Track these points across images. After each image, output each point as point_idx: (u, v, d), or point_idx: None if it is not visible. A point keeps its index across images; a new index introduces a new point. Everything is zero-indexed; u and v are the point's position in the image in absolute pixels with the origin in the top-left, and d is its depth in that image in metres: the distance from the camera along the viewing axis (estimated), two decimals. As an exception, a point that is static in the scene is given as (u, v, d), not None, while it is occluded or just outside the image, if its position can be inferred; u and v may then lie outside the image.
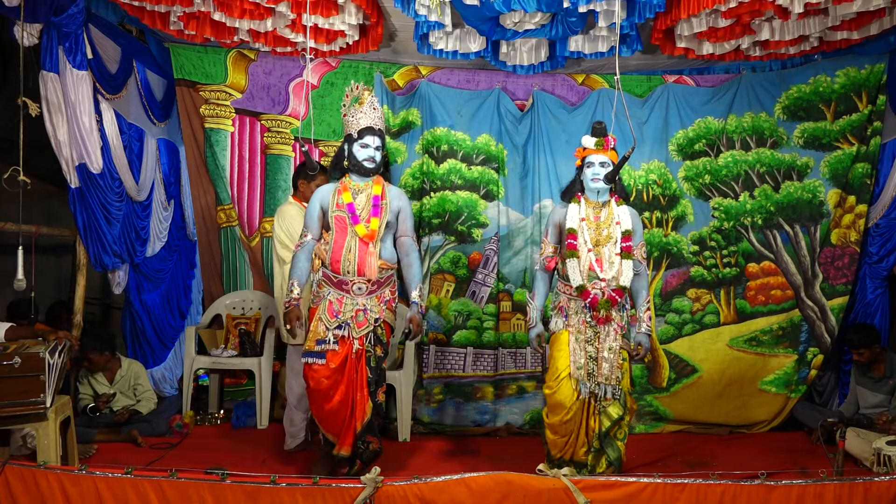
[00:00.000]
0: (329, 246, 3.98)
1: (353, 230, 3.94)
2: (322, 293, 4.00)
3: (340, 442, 3.97)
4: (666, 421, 5.42)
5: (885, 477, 3.34)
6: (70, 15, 4.22)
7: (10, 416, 3.53)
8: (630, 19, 4.37)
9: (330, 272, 3.98)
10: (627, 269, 3.87)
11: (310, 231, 4.03)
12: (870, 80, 5.28)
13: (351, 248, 3.94)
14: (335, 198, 4.01)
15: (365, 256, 3.93)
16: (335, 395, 3.92)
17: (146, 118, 5.37)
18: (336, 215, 3.98)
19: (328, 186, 4.11)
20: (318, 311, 3.98)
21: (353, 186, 4.04)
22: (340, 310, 3.95)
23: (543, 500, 3.20)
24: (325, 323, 3.94)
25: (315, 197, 4.07)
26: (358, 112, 4.03)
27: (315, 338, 3.93)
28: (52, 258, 6.20)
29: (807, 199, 5.43)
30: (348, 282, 3.95)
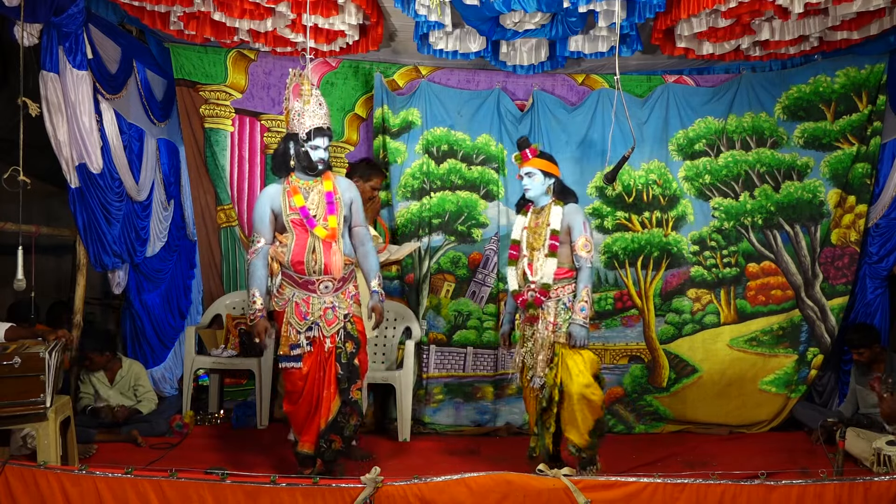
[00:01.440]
0: (289, 248, 3.90)
1: (311, 232, 3.88)
2: (286, 295, 3.94)
3: (303, 439, 3.95)
4: (666, 421, 5.43)
5: (885, 477, 3.34)
6: (70, 15, 4.22)
7: (10, 416, 3.53)
8: (630, 19, 4.37)
9: (293, 273, 3.91)
10: (549, 268, 4.03)
11: (262, 236, 3.93)
12: (870, 80, 5.28)
13: (314, 248, 3.88)
14: (286, 199, 3.92)
15: (329, 255, 3.90)
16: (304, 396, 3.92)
17: (146, 118, 5.37)
18: (292, 218, 3.90)
19: (274, 187, 4.00)
20: (285, 314, 3.92)
21: (303, 186, 3.96)
22: (308, 311, 3.92)
23: (543, 500, 3.20)
24: (294, 326, 3.90)
25: (263, 201, 3.97)
26: (305, 110, 3.89)
27: (288, 343, 3.91)
28: (52, 258, 6.20)
29: (807, 199, 5.43)
30: (314, 281, 3.90)
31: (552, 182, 4.18)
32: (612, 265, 5.52)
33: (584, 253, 4.02)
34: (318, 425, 3.93)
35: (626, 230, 5.53)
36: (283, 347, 3.93)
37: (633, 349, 5.51)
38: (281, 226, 3.95)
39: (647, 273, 5.52)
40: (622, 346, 5.51)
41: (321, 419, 3.93)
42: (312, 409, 3.94)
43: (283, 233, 3.95)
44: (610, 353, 5.51)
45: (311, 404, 3.94)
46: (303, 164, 3.93)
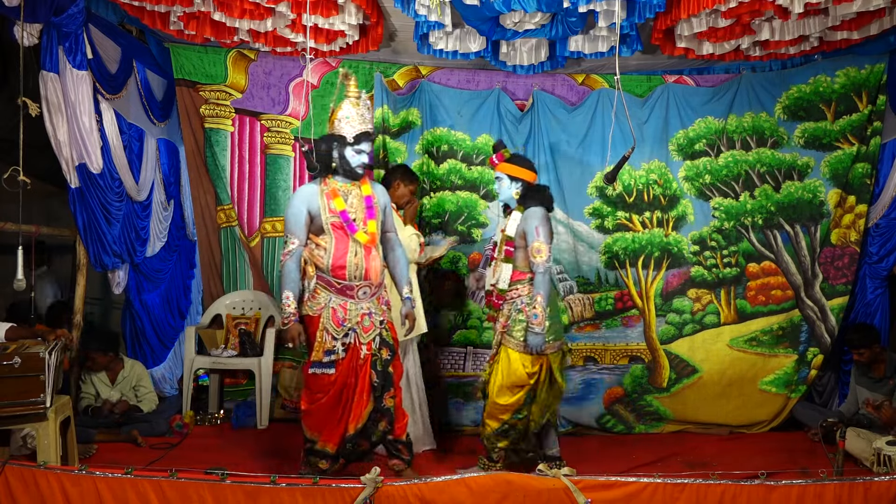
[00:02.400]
0: (328, 252, 3.82)
1: (352, 237, 3.83)
2: (320, 301, 3.85)
3: (325, 438, 3.89)
4: (666, 421, 5.43)
5: (885, 477, 3.34)
6: (70, 15, 4.22)
7: (10, 416, 3.53)
8: (630, 19, 4.37)
9: (331, 278, 3.83)
10: (505, 273, 4.13)
11: (296, 237, 3.83)
12: (870, 80, 5.28)
13: (356, 252, 3.83)
14: (325, 202, 3.85)
15: (369, 261, 3.85)
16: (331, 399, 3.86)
17: (146, 118, 5.37)
18: (332, 221, 3.83)
19: (310, 188, 3.92)
20: (321, 320, 3.83)
21: (341, 189, 3.91)
22: (346, 317, 3.84)
23: (543, 500, 3.20)
24: (331, 332, 3.81)
25: (299, 201, 3.88)
26: (354, 113, 3.87)
27: (322, 348, 3.82)
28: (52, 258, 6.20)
29: (807, 199, 5.43)
30: (353, 287, 3.83)
31: (519, 186, 4.20)
32: (613, 265, 5.52)
33: (535, 258, 4.04)
34: (344, 429, 3.88)
35: (627, 230, 5.53)
36: (316, 353, 3.83)
37: (634, 349, 5.51)
38: (318, 228, 3.86)
39: (648, 273, 5.52)
40: (622, 346, 5.51)
41: (350, 424, 3.88)
42: (341, 414, 3.88)
43: (320, 235, 3.86)
44: (610, 353, 5.51)
45: (340, 410, 3.87)
46: (345, 167, 3.88)
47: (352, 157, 3.87)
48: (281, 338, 3.86)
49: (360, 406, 3.88)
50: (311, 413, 3.91)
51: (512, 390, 4.10)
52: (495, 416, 4.15)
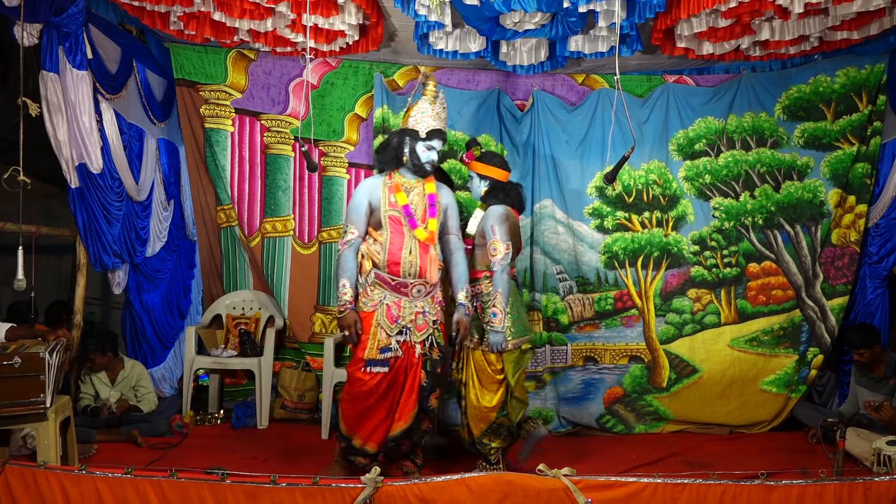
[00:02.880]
0: (384, 247, 3.79)
1: (411, 233, 3.79)
2: (375, 297, 3.81)
3: (365, 437, 3.85)
4: (666, 421, 5.43)
5: (885, 477, 3.34)
6: (70, 15, 4.22)
7: (10, 416, 3.53)
8: (630, 19, 4.37)
9: (386, 275, 3.79)
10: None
11: (356, 227, 3.82)
12: (870, 80, 5.28)
13: (411, 249, 3.79)
14: (386, 195, 3.83)
15: (426, 259, 3.81)
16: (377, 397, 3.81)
17: (146, 118, 5.37)
18: (390, 215, 3.80)
19: (374, 180, 3.90)
20: (375, 316, 3.79)
21: (405, 184, 3.88)
22: (400, 314, 3.80)
23: (543, 500, 3.20)
24: (385, 329, 3.78)
25: (362, 192, 3.87)
26: (430, 110, 3.87)
27: (378, 346, 3.77)
28: (52, 258, 6.20)
29: (807, 199, 5.43)
30: (408, 284, 3.80)
31: (487, 184, 4.23)
32: (612, 265, 5.52)
33: (493, 256, 4.05)
34: (388, 429, 3.85)
35: (626, 230, 5.53)
36: (370, 350, 3.79)
37: (634, 349, 5.51)
38: (376, 221, 3.85)
39: (648, 273, 5.52)
40: (622, 346, 5.52)
41: (396, 423, 3.85)
42: (387, 414, 3.84)
43: (378, 229, 3.84)
44: (610, 352, 5.51)
45: (387, 409, 3.83)
46: (414, 161, 3.86)
47: (422, 152, 3.88)
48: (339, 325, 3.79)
49: (407, 406, 3.85)
50: (354, 411, 3.84)
51: (490, 388, 4.12)
52: (482, 418, 4.14)
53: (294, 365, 5.69)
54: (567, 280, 5.53)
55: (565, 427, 5.40)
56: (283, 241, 5.71)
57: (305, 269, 5.71)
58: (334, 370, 5.14)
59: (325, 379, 5.16)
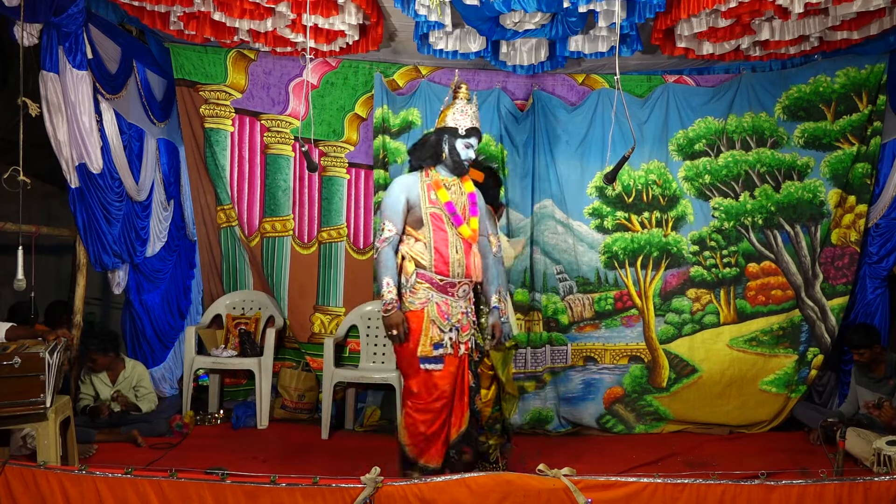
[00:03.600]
0: (428, 246, 3.70)
1: (455, 231, 3.73)
2: (422, 295, 3.70)
3: (430, 454, 3.71)
4: (666, 421, 5.43)
5: (885, 477, 3.33)
6: (70, 15, 4.22)
7: (10, 416, 3.53)
8: (630, 19, 4.37)
9: (433, 275, 3.69)
10: None
11: (394, 224, 3.71)
12: (870, 80, 5.28)
13: (457, 248, 3.73)
14: (426, 192, 3.75)
15: (470, 257, 3.76)
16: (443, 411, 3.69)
17: (146, 118, 5.37)
18: (432, 212, 3.72)
19: (411, 177, 3.83)
20: (426, 313, 3.68)
21: (444, 181, 3.82)
22: (449, 313, 3.71)
23: (543, 500, 3.20)
24: (438, 325, 3.68)
25: (398, 188, 3.77)
26: (469, 109, 3.83)
27: (432, 342, 3.67)
28: (52, 258, 6.20)
29: (807, 199, 5.43)
30: (455, 283, 3.72)
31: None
32: (612, 265, 5.53)
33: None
34: (448, 437, 3.76)
35: (626, 230, 5.54)
36: (423, 347, 3.67)
37: (633, 349, 5.51)
38: (415, 219, 3.75)
39: (647, 273, 5.52)
40: (622, 346, 5.52)
41: (452, 429, 3.77)
42: (444, 419, 3.73)
43: (418, 228, 3.75)
44: (610, 352, 5.51)
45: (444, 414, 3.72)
46: (454, 158, 3.80)
47: (461, 150, 3.81)
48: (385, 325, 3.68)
49: (461, 409, 3.79)
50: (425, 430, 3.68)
51: (484, 384, 4.14)
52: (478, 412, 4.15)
53: (294, 365, 5.69)
54: (567, 280, 5.53)
55: (565, 427, 5.40)
56: (282, 241, 5.71)
57: (305, 269, 5.71)
58: (334, 370, 5.14)
59: (325, 379, 5.16)
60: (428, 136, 3.90)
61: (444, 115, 3.90)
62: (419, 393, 3.69)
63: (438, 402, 3.68)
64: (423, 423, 3.69)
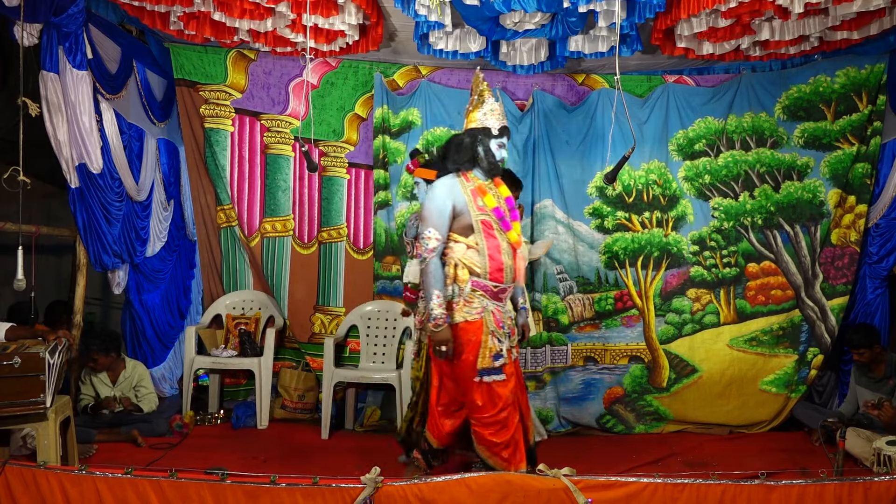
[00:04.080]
0: (483, 253, 3.59)
1: (504, 236, 3.66)
2: (477, 304, 3.59)
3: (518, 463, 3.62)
4: (666, 421, 5.43)
5: (885, 477, 3.33)
6: (70, 15, 4.22)
7: (10, 416, 3.53)
8: (630, 19, 4.37)
9: (488, 282, 3.59)
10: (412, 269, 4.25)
11: (441, 233, 3.57)
12: (870, 80, 5.28)
13: (508, 254, 3.65)
14: (472, 198, 3.62)
15: (517, 261, 3.71)
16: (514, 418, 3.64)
17: (146, 118, 5.37)
18: (482, 219, 3.61)
19: (452, 180, 3.66)
20: (483, 324, 3.58)
21: (484, 186, 3.71)
22: (502, 320, 3.64)
23: (543, 500, 3.19)
24: (497, 335, 3.59)
25: (443, 193, 3.61)
26: (497, 106, 3.73)
27: (491, 353, 3.57)
28: (52, 258, 6.20)
29: (807, 199, 5.43)
30: (506, 289, 3.66)
31: None
32: (612, 265, 5.53)
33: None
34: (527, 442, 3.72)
35: (626, 230, 5.54)
36: (483, 360, 3.56)
37: (633, 349, 5.51)
38: (463, 226, 3.62)
39: (647, 273, 5.52)
40: (622, 346, 5.52)
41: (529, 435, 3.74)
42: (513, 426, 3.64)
43: (468, 235, 3.62)
44: (610, 352, 5.52)
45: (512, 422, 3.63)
46: (490, 159, 3.68)
47: (496, 150, 3.70)
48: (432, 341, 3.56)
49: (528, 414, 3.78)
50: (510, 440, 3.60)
51: None
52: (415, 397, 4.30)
53: (294, 365, 5.69)
54: (567, 280, 5.53)
55: (565, 427, 5.40)
56: (282, 241, 5.71)
57: (305, 269, 5.71)
58: (334, 370, 5.14)
59: (325, 379, 5.16)
60: (460, 138, 3.75)
61: (471, 116, 3.78)
62: (483, 406, 3.60)
63: (503, 412, 3.60)
64: (490, 434, 3.62)
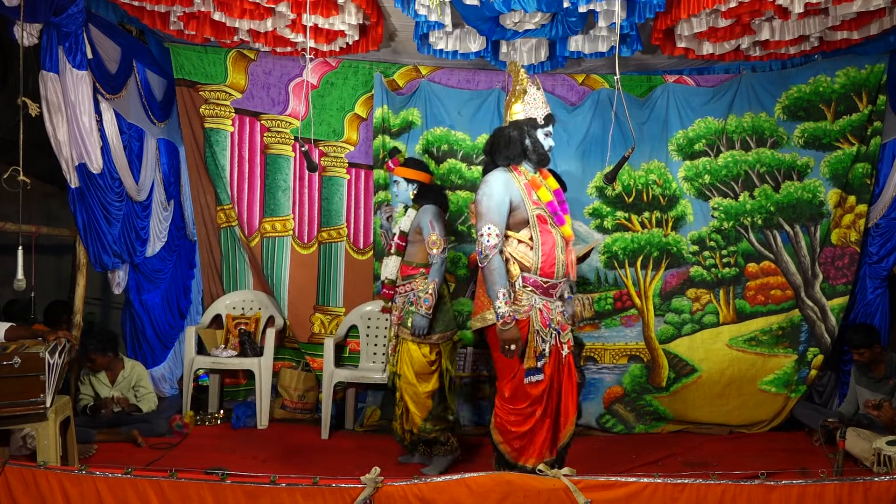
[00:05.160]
0: (536, 249, 3.56)
1: (557, 231, 3.64)
2: (525, 303, 3.56)
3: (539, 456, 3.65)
4: (666, 421, 5.43)
5: (885, 477, 3.33)
6: (70, 15, 4.22)
7: (10, 416, 3.53)
8: (630, 19, 4.37)
9: (538, 278, 3.57)
10: (391, 266, 4.52)
11: (500, 228, 3.51)
12: (870, 80, 5.28)
13: (561, 248, 3.63)
14: (526, 192, 3.59)
15: (570, 256, 3.70)
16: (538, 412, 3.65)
17: (146, 118, 5.37)
18: (538, 214, 3.58)
19: (505, 176, 3.61)
20: (530, 323, 3.56)
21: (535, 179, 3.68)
22: (550, 317, 3.61)
23: (543, 500, 3.20)
24: (541, 335, 3.57)
25: (500, 187, 3.54)
26: (539, 94, 3.68)
27: (535, 354, 3.57)
28: (52, 258, 6.20)
29: (807, 199, 5.43)
30: (557, 285, 3.63)
31: (415, 187, 4.50)
32: (612, 265, 5.53)
33: (432, 250, 4.34)
34: (556, 440, 3.72)
35: (626, 230, 5.54)
36: (529, 360, 3.56)
37: (633, 349, 5.51)
38: (518, 220, 3.59)
39: (647, 273, 5.52)
40: (621, 345, 5.52)
41: (562, 432, 3.74)
42: (552, 425, 3.69)
43: (520, 230, 3.61)
44: (609, 352, 5.52)
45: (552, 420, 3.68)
46: (538, 150, 3.64)
47: (543, 139, 3.67)
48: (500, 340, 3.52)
49: (570, 410, 3.74)
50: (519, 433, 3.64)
51: (426, 378, 4.41)
52: (423, 405, 4.41)
53: (294, 365, 5.70)
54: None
55: (565, 427, 5.40)
56: (282, 240, 5.71)
57: (305, 269, 5.71)
58: (334, 370, 5.15)
59: (325, 379, 5.16)
60: (507, 132, 3.67)
61: (512, 108, 3.72)
62: (511, 398, 3.64)
63: (529, 407, 3.63)
64: (511, 423, 3.66)
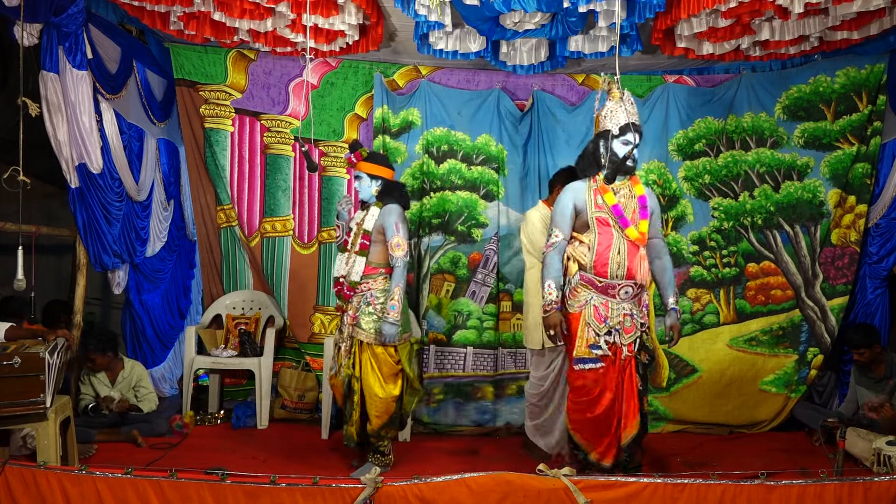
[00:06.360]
0: (591, 248, 3.79)
1: (621, 233, 3.78)
2: (581, 298, 3.82)
3: (602, 453, 3.81)
4: (666, 421, 5.42)
5: (885, 477, 3.34)
6: (70, 15, 4.22)
7: (10, 416, 3.53)
8: (630, 19, 4.37)
9: (593, 276, 3.79)
10: (358, 266, 4.26)
11: (561, 231, 3.84)
12: (870, 80, 5.28)
13: (619, 249, 3.77)
14: (592, 197, 3.83)
15: (634, 259, 3.79)
16: (602, 403, 3.78)
17: (146, 118, 5.37)
18: (598, 217, 3.80)
19: (580, 183, 3.91)
20: (582, 316, 3.80)
21: (613, 186, 3.86)
22: (607, 315, 3.79)
23: (543, 500, 3.20)
24: (594, 328, 3.77)
25: (568, 195, 3.88)
26: (618, 108, 3.84)
27: (587, 343, 3.78)
28: (52, 258, 6.20)
29: (807, 199, 5.43)
30: (615, 286, 3.78)
31: (379, 183, 4.33)
32: (612, 265, 5.52)
33: (395, 252, 4.20)
34: (619, 439, 3.82)
35: (626, 230, 5.53)
36: (579, 349, 3.79)
37: (633, 349, 5.50)
38: (582, 224, 3.85)
39: (647, 273, 5.52)
40: (622, 346, 5.51)
41: (623, 432, 3.82)
42: (615, 424, 3.81)
43: (584, 232, 3.85)
44: (610, 353, 5.51)
45: (614, 418, 3.80)
46: (612, 159, 3.83)
47: (619, 148, 3.83)
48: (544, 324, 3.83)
49: (631, 411, 3.83)
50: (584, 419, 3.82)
51: (391, 380, 4.28)
52: (387, 409, 4.26)
53: (294, 365, 5.69)
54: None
55: (565, 427, 5.40)
56: (282, 240, 5.71)
57: (305, 269, 5.71)
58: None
59: (325, 379, 5.16)
60: (587, 146, 3.97)
61: (597, 120, 3.96)
62: (575, 389, 3.85)
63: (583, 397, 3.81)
64: (575, 410, 3.86)
